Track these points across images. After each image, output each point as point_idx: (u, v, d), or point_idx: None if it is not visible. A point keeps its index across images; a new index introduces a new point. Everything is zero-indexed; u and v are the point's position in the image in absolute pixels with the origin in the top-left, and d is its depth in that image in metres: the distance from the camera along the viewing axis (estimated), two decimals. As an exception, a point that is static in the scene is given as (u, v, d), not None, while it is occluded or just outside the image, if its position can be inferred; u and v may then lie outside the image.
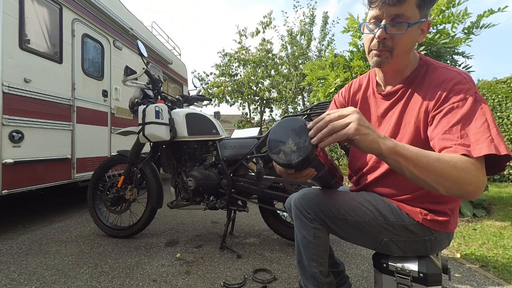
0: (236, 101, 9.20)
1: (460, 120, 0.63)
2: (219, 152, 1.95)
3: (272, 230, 2.00)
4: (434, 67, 0.77)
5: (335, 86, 3.21)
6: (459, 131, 0.62)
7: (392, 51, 0.75)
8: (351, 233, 0.85)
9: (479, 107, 0.64)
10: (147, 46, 3.98)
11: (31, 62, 2.30)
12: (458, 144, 0.61)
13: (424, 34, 0.76)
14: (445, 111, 0.67)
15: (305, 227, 0.86)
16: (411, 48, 0.76)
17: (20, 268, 1.59)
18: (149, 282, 1.43)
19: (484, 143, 0.59)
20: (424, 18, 0.72)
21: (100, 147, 3.15)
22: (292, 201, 0.90)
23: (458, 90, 0.68)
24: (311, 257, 0.87)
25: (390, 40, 0.74)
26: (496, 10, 2.56)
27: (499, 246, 1.95)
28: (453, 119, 0.64)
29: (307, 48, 8.71)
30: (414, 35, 0.74)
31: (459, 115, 0.64)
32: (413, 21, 0.70)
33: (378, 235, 0.81)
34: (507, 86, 4.77)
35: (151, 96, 2.12)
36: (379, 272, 0.85)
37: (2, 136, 2.03)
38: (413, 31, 0.73)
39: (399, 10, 0.69)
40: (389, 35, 0.73)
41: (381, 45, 0.75)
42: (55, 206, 3.17)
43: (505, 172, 4.81)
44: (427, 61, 0.80)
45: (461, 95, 0.66)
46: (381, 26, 0.72)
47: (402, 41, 0.73)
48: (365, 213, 0.81)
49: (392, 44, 0.74)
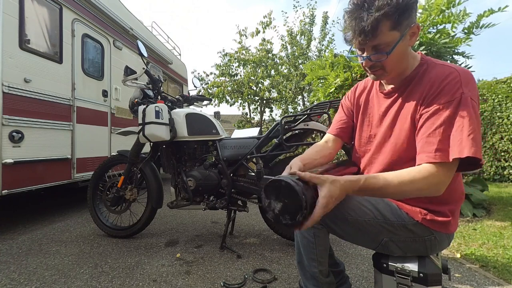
0: (236, 101, 9.20)
1: (442, 123, 0.69)
2: (219, 152, 1.95)
3: (272, 230, 2.00)
4: (434, 65, 0.79)
5: (335, 86, 3.20)
6: (441, 134, 0.68)
7: (384, 69, 0.79)
8: (351, 232, 0.84)
9: (459, 111, 0.68)
10: (147, 46, 3.98)
11: (31, 62, 2.30)
12: (435, 149, 0.68)
13: (416, 36, 0.77)
14: (431, 112, 0.72)
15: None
16: (404, 56, 0.79)
17: (20, 268, 1.59)
18: (149, 282, 1.43)
19: (454, 147, 0.66)
20: (407, 29, 0.74)
21: (100, 147, 3.14)
22: None
23: (446, 90, 0.71)
24: (311, 257, 0.87)
25: (378, 63, 0.78)
26: (496, 10, 2.56)
27: (499, 246, 1.95)
28: (437, 122, 0.70)
29: (307, 48, 8.71)
30: (402, 48, 0.76)
31: (442, 119, 0.69)
32: (392, 45, 0.74)
33: (378, 235, 0.81)
34: (507, 86, 4.76)
35: (151, 96, 2.12)
36: (379, 272, 0.85)
37: (2, 136, 2.03)
38: (398, 48, 0.75)
39: (375, 42, 0.74)
40: (375, 62, 0.78)
41: (372, 68, 0.81)
42: (55, 206, 3.17)
43: (505, 172, 4.80)
44: (428, 60, 0.81)
45: (448, 97, 0.70)
46: (364, 58, 0.78)
47: (391, 61, 0.77)
48: (365, 213, 0.81)
49: (382, 64, 0.78)
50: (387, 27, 0.71)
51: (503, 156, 4.83)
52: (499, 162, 4.89)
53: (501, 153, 4.85)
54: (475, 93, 0.70)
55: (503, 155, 4.83)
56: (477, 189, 2.87)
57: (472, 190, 2.78)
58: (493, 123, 4.97)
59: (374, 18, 0.69)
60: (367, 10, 0.71)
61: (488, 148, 5.06)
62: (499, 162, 4.89)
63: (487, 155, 5.09)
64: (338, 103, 2.01)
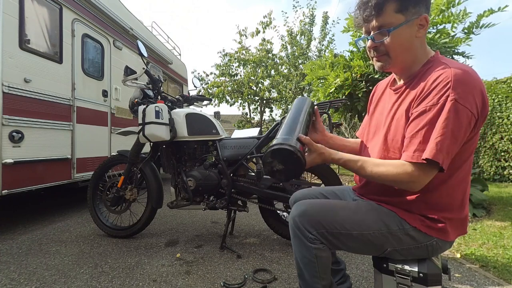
0: (236, 101, 9.20)
1: (425, 125, 0.71)
2: (219, 152, 1.95)
3: (272, 230, 2.00)
4: (438, 64, 0.77)
5: (335, 86, 3.20)
6: (422, 136, 0.71)
7: (388, 54, 0.81)
8: (354, 246, 0.84)
9: (441, 115, 0.69)
10: (147, 46, 3.98)
11: (31, 62, 2.30)
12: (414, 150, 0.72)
13: (425, 28, 0.79)
14: (418, 112, 0.74)
15: (305, 248, 0.82)
16: (409, 46, 0.80)
17: (20, 268, 1.59)
18: (149, 282, 1.43)
19: (427, 149, 0.69)
20: (415, 16, 0.76)
21: (100, 147, 3.14)
22: (291, 218, 0.85)
23: (434, 93, 0.71)
24: (313, 274, 0.83)
25: (382, 46, 0.81)
26: (496, 10, 2.56)
27: (499, 246, 1.95)
28: (421, 123, 0.72)
29: (307, 48, 8.71)
30: (406, 35, 0.78)
31: (426, 120, 0.71)
32: (395, 26, 0.76)
33: (382, 246, 0.81)
34: (507, 86, 4.76)
35: (151, 96, 2.12)
36: (379, 272, 0.85)
37: (2, 136, 2.03)
38: (402, 32, 0.77)
39: (379, 22, 0.78)
40: (379, 43, 0.81)
41: (376, 52, 0.84)
42: (55, 206, 3.17)
43: (505, 172, 4.80)
44: (437, 58, 0.80)
45: (434, 99, 0.71)
46: (369, 38, 0.83)
47: (393, 44, 0.79)
48: (369, 226, 0.81)
49: (386, 49, 0.81)
50: (392, 8, 0.75)
51: (503, 156, 4.83)
52: (499, 162, 4.89)
53: (501, 153, 4.85)
54: (466, 96, 0.67)
55: (503, 155, 4.83)
56: (477, 189, 2.87)
57: (472, 190, 2.78)
58: (493, 123, 4.97)
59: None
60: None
61: (488, 148, 5.07)
62: (499, 162, 4.89)
63: (487, 155, 5.09)
64: (338, 103, 2.02)
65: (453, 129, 0.67)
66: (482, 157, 5.17)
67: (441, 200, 0.78)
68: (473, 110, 0.68)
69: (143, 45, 1.99)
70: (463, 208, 0.80)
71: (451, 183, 0.77)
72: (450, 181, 0.76)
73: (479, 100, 0.69)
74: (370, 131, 0.97)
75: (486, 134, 5.08)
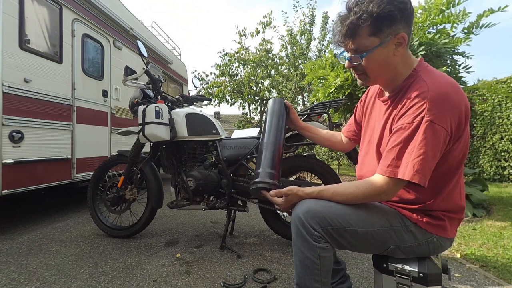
0: (236, 101, 9.21)
1: (399, 142, 0.74)
2: (219, 152, 1.95)
3: (272, 230, 2.00)
4: (420, 79, 0.78)
5: (335, 86, 3.20)
6: (396, 152, 0.74)
7: (366, 74, 0.84)
8: (359, 244, 0.83)
9: (416, 134, 0.72)
10: (147, 46, 3.98)
11: (31, 62, 2.30)
12: (387, 165, 0.75)
13: (403, 46, 0.78)
14: (396, 129, 0.77)
15: (308, 247, 0.80)
16: (386, 65, 0.81)
17: (20, 268, 1.59)
18: (149, 282, 1.43)
19: (401, 168, 0.73)
20: (390, 37, 0.76)
21: (100, 147, 3.14)
22: (295, 216, 0.83)
23: (411, 111, 0.74)
24: (314, 278, 0.80)
25: (360, 66, 0.84)
26: (496, 10, 2.56)
27: (499, 246, 1.95)
28: (397, 140, 0.75)
29: (307, 48, 8.71)
30: (383, 55, 0.79)
31: (401, 138, 0.74)
32: (369, 49, 0.78)
33: (385, 243, 0.82)
34: (507, 86, 4.76)
35: (151, 96, 2.12)
36: (379, 272, 0.85)
37: (2, 136, 2.03)
38: (377, 54, 0.79)
39: (355, 45, 0.80)
40: (356, 64, 0.84)
41: (355, 70, 0.87)
42: (55, 206, 3.17)
43: (505, 172, 4.80)
44: (419, 71, 0.80)
45: (411, 118, 0.74)
46: (346, 59, 0.86)
47: (369, 65, 0.81)
48: (374, 222, 0.81)
49: (363, 69, 0.84)
50: (366, 32, 0.77)
51: (503, 156, 4.83)
52: (499, 162, 4.89)
53: (501, 153, 4.85)
54: (442, 115, 0.70)
55: (503, 155, 4.83)
56: (477, 189, 2.86)
57: (472, 190, 2.78)
58: (493, 123, 4.96)
59: (351, 21, 0.77)
60: (351, 15, 0.78)
61: (488, 148, 5.06)
62: (499, 162, 4.89)
63: (487, 155, 5.09)
64: (338, 103, 2.02)
65: (432, 149, 0.70)
66: (482, 157, 5.17)
67: (441, 200, 0.81)
68: (448, 129, 0.71)
69: (143, 45, 1.99)
70: (459, 211, 0.84)
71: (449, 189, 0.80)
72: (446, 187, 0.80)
73: (455, 120, 0.72)
74: (365, 139, 0.99)
75: (486, 134, 5.08)
